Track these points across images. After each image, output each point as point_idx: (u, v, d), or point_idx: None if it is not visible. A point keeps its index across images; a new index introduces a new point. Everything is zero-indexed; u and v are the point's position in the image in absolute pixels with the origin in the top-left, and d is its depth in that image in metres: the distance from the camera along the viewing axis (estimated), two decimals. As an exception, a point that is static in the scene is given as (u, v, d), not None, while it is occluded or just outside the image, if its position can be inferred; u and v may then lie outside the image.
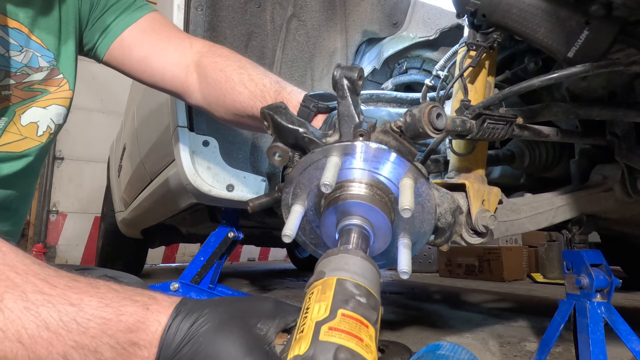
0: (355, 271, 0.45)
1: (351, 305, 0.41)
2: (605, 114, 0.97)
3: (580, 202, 1.14)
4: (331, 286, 0.43)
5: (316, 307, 0.41)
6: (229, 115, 0.88)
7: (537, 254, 4.47)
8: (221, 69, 0.86)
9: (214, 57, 0.89)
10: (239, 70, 0.85)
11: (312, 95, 0.78)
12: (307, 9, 1.42)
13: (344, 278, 0.44)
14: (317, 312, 0.40)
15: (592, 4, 0.67)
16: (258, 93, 0.81)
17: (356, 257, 0.47)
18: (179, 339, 0.47)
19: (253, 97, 0.81)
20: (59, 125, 0.90)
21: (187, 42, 0.93)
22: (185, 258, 6.29)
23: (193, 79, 0.90)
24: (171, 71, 0.92)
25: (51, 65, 0.87)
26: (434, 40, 1.42)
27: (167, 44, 0.93)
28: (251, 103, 0.81)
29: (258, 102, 0.81)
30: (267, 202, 0.65)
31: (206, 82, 0.88)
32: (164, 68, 0.92)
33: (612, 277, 1.13)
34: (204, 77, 0.88)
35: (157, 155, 1.71)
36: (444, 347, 1.11)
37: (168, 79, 0.93)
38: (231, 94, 0.84)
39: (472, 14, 0.78)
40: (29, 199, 0.94)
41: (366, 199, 0.54)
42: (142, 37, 0.93)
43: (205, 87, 0.88)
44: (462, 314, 2.23)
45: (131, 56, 0.93)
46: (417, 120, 0.58)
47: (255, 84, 0.82)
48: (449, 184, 0.86)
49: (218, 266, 1.85)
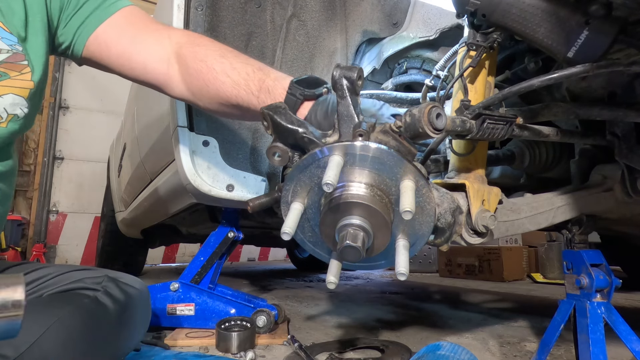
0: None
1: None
2: (605, 114, 0.97)
3: (580, 202, 1.14)
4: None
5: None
6: (213, 105, 0.88)
7: (537, 254, 4.46)
8: (202, 59, 0.86)
9: (194, 47, 0.89)
10: (220, 59, 0.85)
11: (298, 81, 0.78)
12: (307, 9, 1.42)
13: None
14: None
15: (592, 4, 0.67)
16: (241, 82, 0.82)
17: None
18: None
19: (236, 86, 0.82)
20: (15, 115, 0.87)
21: (165, 34, 0.93)
22: (185, 258, 6.29)
23: (174, 70, 0.90)
24: (152, 64, 0.91)
25: (13, 49, 0.86)
26: (434, 40, 1.42)
27: (145, 37, 0.92)
28: (235, 92, 0.82)
29: (242, 90, 0.81)
30: (267, 202, 0.65)
31: (188, 73, 0.88)
32: (144, 62, 0.91)
33: (612, 277, 1.13)
34: (186, 68, 0.88)
35: (157, 155, 1.71)
36: (444, 347, 1.11)
37: (149, 72, 0.92)
38: (214, 84, 0.84)
39: (472, 14, 0.78)
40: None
41: (366, 199, 0.54)
42: (119, 31, 0.93)
43: (187, 78, 0.88)
44: (462, 314, 2.23)
45: (110, 52, 0.93)
46: (417, 120, 0.58)
47: (238, 73, 0.83)
48: (449, 184, 0.86)
49: (218, 266, 1.85)
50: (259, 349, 1.49)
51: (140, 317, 1.04)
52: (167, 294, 1.72)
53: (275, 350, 1.49)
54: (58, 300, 0.87)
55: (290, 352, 1.39)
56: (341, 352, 1.41)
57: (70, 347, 0.79)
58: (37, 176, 5.71)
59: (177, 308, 1.71)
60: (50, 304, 0.85)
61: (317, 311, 2.27)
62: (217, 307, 1.71)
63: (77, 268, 0.99)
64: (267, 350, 1.48)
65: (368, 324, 1.92)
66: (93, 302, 0.89)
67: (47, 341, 0.75)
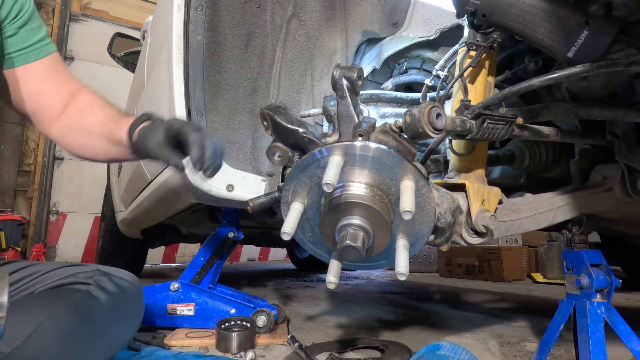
0: None
1: None
2: (605, 114, 0.97)
3: (580, 202, 1.14)
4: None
5: None
6: (82, 138, 1.05)
7: (537, 254, 4.46)
8: (80, 109, 1.07)
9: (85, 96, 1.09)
10: (97, 107, 1.07)
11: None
12: (307, 9, 1.42)
13: None
14: None
15: (592, 4, 0.67)
16: (107, 120, 1.03)
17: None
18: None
19: (103, 121, 1.03)
20: None
21: (75, 86, 1.11)
22: (185, 258, 6.29)
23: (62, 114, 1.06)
24: (49, 97, 1.05)
25: None
26: (434, 40, 1.41)
27: (58, 81, 1.07)
28: (101, 125, 1.03)
29: (107, 124, 1.02)
30: (267, 202, 0.65)
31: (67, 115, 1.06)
32: (45, 104, 1.05)
33: (612, 277, 1.13)
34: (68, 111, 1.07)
35: (157, 155, 1.70)
36: (444, 347, 1.11)
37: (41, 100, 1.05)
38: (85, 121, 1.05)
39: (472, 14, 0.78)
40: None
41: (366, 199, 0.54)
42: (46, 73, 1.05)
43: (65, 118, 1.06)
44: (462, 314, 2.23)
45: (27, 86, 1.03)
46: (417, 120, 0.58)
47: (105, 114, 1.04)
48: (449, 184, 0.86)
49: (218, 266, 1.85)
50: (259, 349, 1.49)
51: (134, 309, 1.04)
52: (167, 294, 1.72)
53: (275, 350, 1.49)
54: (51, 296, 0.88)
55: (290, 352, 1.39)
56: (341, 352, 1.41)
57: (64, 341, 0.79)
58: (37, 176, 5.71)
59: (177, 308, 1.71)
60: (42, 299, 0.86)
61: (317, 311, 2.27)
62: (217, 307, 1.71)
63: (68, 264, 1.00)
64: (267, 350, 1.48)
65: (368, 324, 1.92)
66: (86, 296, 0.90)
67: (40, 336, 0.76)
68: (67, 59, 6.07)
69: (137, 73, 2.51)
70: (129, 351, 1.36)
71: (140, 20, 5.68)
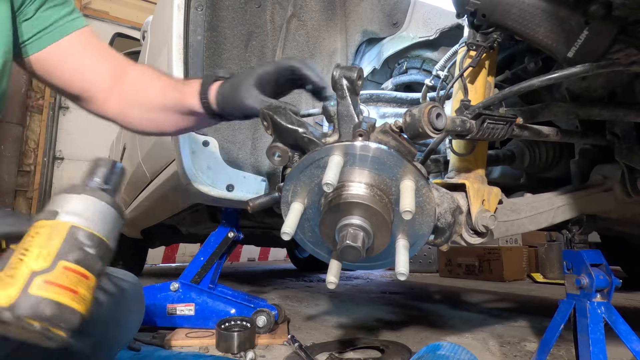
0: (94, 219, 0.42)
1: (76, 256, 0.39)
2: (605, 114, 0.97)
3: (580, 202, 1.14)
4: (61, 234, 0.40)
5: (36, 252, 0.38)
6: (142, 112, 0.97)
7: (537, 254, 4.46)
8: (135, 81, 0.98)
9: (135, 70, 1.00)
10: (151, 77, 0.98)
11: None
12: (307, 9, 1.42)
13: (79, 226, 0.41)
14: (36, 258, 0.38)
15: (591, 4, 0.66)
16: (168, 88, 0.93)
17: (101, 202, 0.44)
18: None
19: (163, 91, 0.93)
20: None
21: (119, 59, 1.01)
22: (185, 258, 6.29)
23: (113, 90, 0.99)
24: (96, 74, 0.98)
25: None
26: (434, 40, 1.42)
27: (99, 55, 0.99)
28: (161, 96, 0.93)
29: (167, 93, 0.92)
30: (267, 202, 0.65)
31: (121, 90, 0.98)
32: (92, 80, 0.98)
33: (612, 277, 1.13)
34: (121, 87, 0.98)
35: (157, 156, 1.71)
36: (444, 347, 1.11)
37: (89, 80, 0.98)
38: (142, 94, 0.96)
39: (472, 14, 0.78)
40: None
41: (366, 199, 0.54)
42: (77, 47, 0.97)
43: (119, 94, 0.98)
44: (462, 314, 2.23)
45: (65, 65, 0.96)
46: (417, 120, 0.58)
47: (163, 82, 0.95)
48: (449, 184, 0.86)
49: (218, 266, 1.85)
50: (259, 349, 1.49)
51: (134, 310, 1.04)
52: (167, 294, 1.72)
53: (275, 350, 1.49)
54: None
55: (290, 352, 1.39)
56: (341, 352, 1.41)
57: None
58: (37, 176, 5.71)
59: (177, 308, 1.71)
60: None
61: (317, 311, 2.27)
62: (217, 307, 1.71)
63: None
64: (267, 350, 1.48)
65: (368, 324, 1.92)
66: None
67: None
68: (67, 59, 6.06)
69: (137, 73, 2.51)
70: (130, 351, 1.36)
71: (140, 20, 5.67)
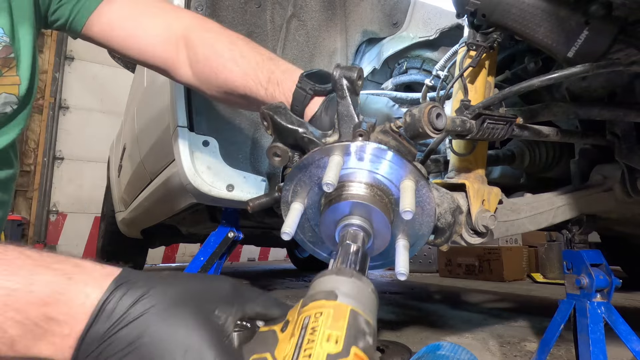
0: (367, 305, 0.40)
1: (363, 344, 0.37)
2: (605, 114, 0.97)
3: (580, 202, 1.14)
4: (345, 316, 0.38)
5: (326, 333, 0.37)
6: (220, 94, 0.85)
7: (537, 254, 4.47)
8: (211, 45, 0.82)
9: (203, 32, 0.84)
10: (229, 46, 0.81)
11: (308, 74, 0.74)
12: (307, 9, 1.42)
13: (358, 311, 0.39)
14: (326, 340, 0.36)
15: (591, 3, 0.67)
16: (250, 72, 0.78)
17: (368, 288, 0.42)
18: (116, 318, 0.39)
19: (245, 76, 0.78)
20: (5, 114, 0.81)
21: (173, 15, 0.88)
22: (185, 258, 6.29)
23: (182, 55, 0.86)
24: (159, 47, 0.86)
25: (2, 42, 0.79)
26: (434, 40, 1.42)
27: (152, 18, 0.87)
28: (243, 82, 0.78)
29: (250, 81, 0.77)
30: (267, 202, 0.65)
31: (196, 60, 0.84)
32: (152, 44, 0.86)
33: (612, 277, 1.13)
34: (194, 53, 0.84)
35: (157, 155, 1.71)
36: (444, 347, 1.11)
37: (157, 54, 0.88)
38: (222, 72, 0.80)
39: (472, 14, 0.78)
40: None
41: (366, 199, 0.54)
42: (122, 10, 0.87)
43: (195, 64, 0.84)
44: (462, 314, 2.23)
45: (113, 33, 0.87)
46: (417, 120, 0.58)
47: (248, 61, 0.78)
48: (449, 184, 0.86)
49: (218, 266, 1.85)
50: (259, 349, 1.49)
51: None
52: (167, 294, 1.71)
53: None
54: None
55: (290, 352, 1.39)
56: (341, 352, 1.41)
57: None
58: (37, 176, 5.71)
59: (177, 308, 1.70)
60: None
61: (317, 311, 2.26)
62: (217, 307, 1.71)
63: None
64: (267, 350, 1.48)
65: (368, 324, 1.92)
66: None
67: None
68: (67, 59, 6.07)
69: (137, 73, 2.51)
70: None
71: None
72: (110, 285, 0.41)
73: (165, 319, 0.39)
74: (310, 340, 0.36)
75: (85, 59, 6.12)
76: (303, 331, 0.38)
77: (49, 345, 0.40)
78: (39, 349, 0.40)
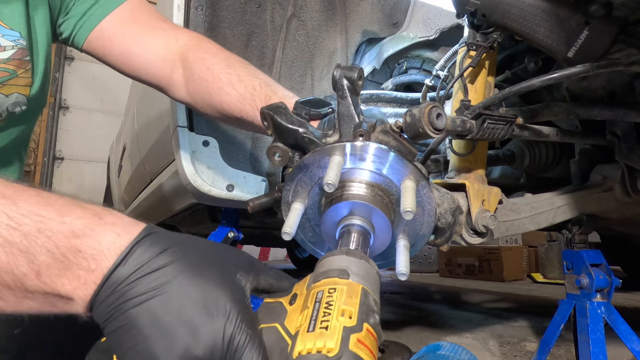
0: (374, 285, 0.43)
1: (372, 321, 0.40)
2: (605, 114, 0.97)
3: (580, 202, 1.14)
4: (357, 293, 0.40)
5: (341, 307, 0.39)
6: (215, 113, 0.86)
7: (537, 254, 4.47)
8: (208, 67, 0.83)
9: (201, 53, 0.85)
10: (227, 69, 0.82)
11: (302, 102, 0.75)
12: (307, 9, 1.42)
13: (368, 290, 0.42)
14: (341, 314, 0.38)
15: (591, 3, 0.67)
16: (248, 96, 0.78)
17: (374, 270, 0.45)
18: (143, 262, 0.39)
19: (242, 100, 0.78)
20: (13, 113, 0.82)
21: (172, 34, 0.89)
22: (185, 258, 6.29)
23: (178, 74, 0.87)
24: (156, 66, 0.88)
25: (18, 45, 0.80)
26: (434, 40, 1.42)
27: (151, 36, 0.88)
28: (240, 106, 0.79)
29: (247, 105, 0.78)
30: (267, 202, 0.65)
31: (192, 79, 0.85)
32: (149, 62, 0.88)
33: (612, 277, 1.14)
34: (190, 73, 0.85)
35: (157, 155, 1.71)
36: (444, 347, 1.11)
37: (152, 73, 0.89)
38: (218, 94, 0.81)
39: (472, 14, 0.78)
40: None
41: (367, 200, 0.54)
42: (123, 28, 0.88)
43: (191, 84, 0.85)
44: (462, 314, 2.23)
45: (112, 49, 0.89)
46: (417, 120, 0.58)
47: (245, 86, 0.79)
48: (449, 184, 0.86)
49: (218, 266, 1.85)
50: (259, 349, 1.49)
51: None
52: (167, 294, 1.71)
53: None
54: None
55: (291, 352, 1.39)
56: (341, 352, 1.41)
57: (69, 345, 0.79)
58: (37, 176, 5.71)
59: (177, 308, 1.70)
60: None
61: (317, 311, 2.26)
62: (217, 307, 1.71)
63: None
64: (267, 350, 1.48)
65: (368, 324, 1.92)
66: None
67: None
68: (67, 59, 6.07)
69: (137, 73, 2.51)
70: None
71: (140, 20, 5.67)
72: (142, 232, 0.42)
73: (192, 271, 0.40)
74: (326, 313, 0.38)
75: (85, 59, 6.12)
76: (317, 304, 0.39)
77: (73, 279, 0.40)
78: (62, 282, 0.40)
